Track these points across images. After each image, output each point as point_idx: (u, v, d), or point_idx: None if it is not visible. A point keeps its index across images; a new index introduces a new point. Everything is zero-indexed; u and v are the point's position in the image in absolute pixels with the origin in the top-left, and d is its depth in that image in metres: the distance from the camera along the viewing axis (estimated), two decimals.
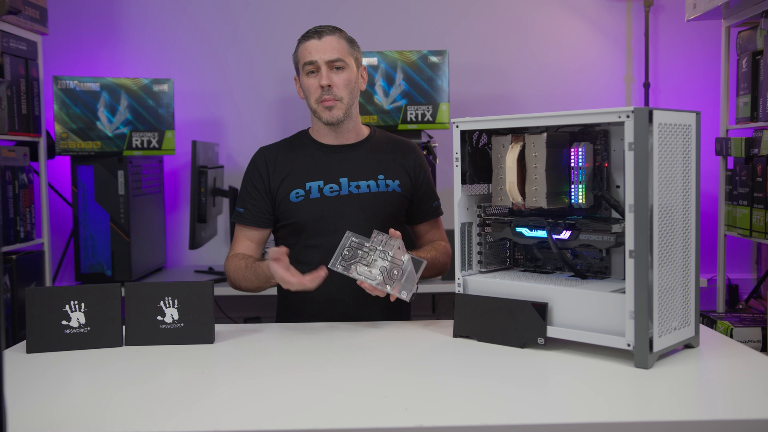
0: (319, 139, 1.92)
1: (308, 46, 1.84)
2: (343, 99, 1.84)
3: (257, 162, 1.92)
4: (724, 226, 2.90)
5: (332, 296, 1.84)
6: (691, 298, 1.45)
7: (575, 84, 3.40)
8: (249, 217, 1.89)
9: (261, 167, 1.90)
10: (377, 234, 1.64)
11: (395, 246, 1.62)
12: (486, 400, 1.21)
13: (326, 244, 1.83)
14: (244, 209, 1.90)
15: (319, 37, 1.83)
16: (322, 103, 1.84)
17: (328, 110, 1.84)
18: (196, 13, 3.39)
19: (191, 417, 1.15)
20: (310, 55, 1.83)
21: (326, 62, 1.82)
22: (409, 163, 1.94)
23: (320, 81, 1.82)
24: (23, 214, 2.70)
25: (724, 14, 2.85)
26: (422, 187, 1.95)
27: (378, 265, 1.62)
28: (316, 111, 1.86)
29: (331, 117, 1.85)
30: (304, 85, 1.87)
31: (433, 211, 1.98)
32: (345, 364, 1.44)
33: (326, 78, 1.82)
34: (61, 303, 1.55)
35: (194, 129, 3.37)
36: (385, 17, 3.41)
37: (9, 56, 2.60)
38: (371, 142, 1.94)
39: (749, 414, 1.13)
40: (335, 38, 1.85)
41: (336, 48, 1.84)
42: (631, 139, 1.32)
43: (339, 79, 1.83)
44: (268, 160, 1.90)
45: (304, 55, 1.85)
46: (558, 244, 1.57)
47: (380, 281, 1.61)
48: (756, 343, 2.53)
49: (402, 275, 1.62)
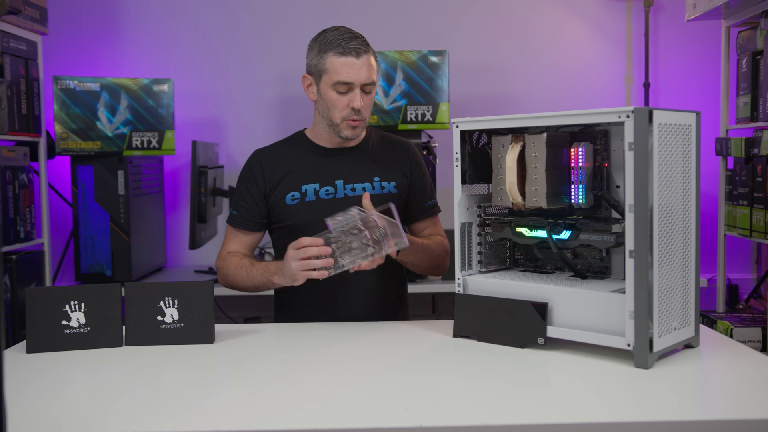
0: (317, 141, 1.91)
1: (346, 64, 1.76)
2: (366, 119, 1.84)
3: (252, 165, 1.90)
4: (724, 226, 2.90)
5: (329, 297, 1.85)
6: (691, 298, 1.45)
7: (575, 84, 3.40)
8: (241, 221, 1.89)
9: (256, 171, 1.88)
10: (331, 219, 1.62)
11: (355, 213, 1.61)
12: (486, 400, 1.21)
13: None
14: (237, 212, 1.90)
15: (357, 56, 1.76)
16: (348, 122, 1.81)
17: (352, 129, 1.82)
18: (196, 13, 3.39)
19: (191, 417, 1.15)
20: (348, 76, 1.76)
21: (361, 85, 1.79)
22: (405, 162, 1.94)
23: (352, 104, 1.78)
24: (23, 214, 2.70)
25: (724, 14, 2.85)
26: (416, 185, 1.94)
27: (359, 241, 1.61)
28: (338, 126, 1.82)
29: (354, 135, 1.84)
30: (329, 98, 1.80)
31: (426, 210, 1.96)
32: (345, 363, 1.44)
33: (360, 102, 1.78)
34: (61, 303, 1.55)
35: (194, 129, 3.37)
36: (385, 17, 3.41)
37: (9, 56, 2.60)
38: (367, 144, 1.93)
39: (749, 414, 1.13)
40: (370, 58, 1.79)
41: (372, 70, 1.80)
42: (631, 139, 1.32)
43: (367, 100, 1.81)
44: (263, 163, 1.89)
45: (340, 73, 1.76)
46: (558, 244, 1.57)
47: (372, 251, 1.61)
48: (756, 343, 2.53)
49: (384, 232, 1.60)
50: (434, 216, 1.99)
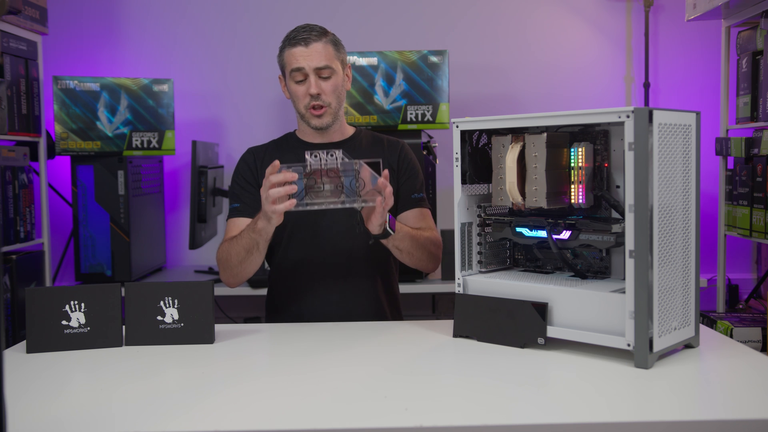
0: (305, 138, 1.97)
1: (295, 53, 1.85)
2: (332, 104, 1.88)
3: (247, 159, 1.96)
4: (724, 226, 2.90)
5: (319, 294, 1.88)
6: (691, 298, 1.45)
7: (575, 84, 3.40)
8: (245, 210, 1.90)
9: (251, 164, 1.94)
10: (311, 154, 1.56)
11: (338, 157, 1.56)
12: (486, 400, 1.21)
13: (309, 240, 1.88)
14: (241, 203, 1.91)
15: (306, 44, 1.85)
16: (311, 110, 1.87)
17: (317, 117, 1.88)
18: (196, 13, 3.39)
19: (191, 417, 1.15)
20: (297, 62, 1.85)
21: (314, 69, 1.84)
22: (393, 157, 1.95)
23: (309, 90, 1.85)
24: (23, 214, 2.70)
25: (724, 14, 2.85)
26: (404, 178, 1.94)
27: (333, 185, 1.56)
28: (304, 116, 1.90)
29: (320, 123, 1.88)
30: (291, 90, 1.89)
31: (412, 202, 1.94)
32: (345, 364, 1.44)
33: (315, 87, 1.84)
34: (61, 303, 1.55)
35: (194, 129, 3.37)
36: (385, 17, 3.40)
37: (9, 56, 2.60)
38: (355, 140, 1.97)
39: (749, 414, 1.13)
40: (321, 44, 1.85)
41: (323, 55, 1.85)
42: (631, 139, 1.32)
43: (327, 85, 1.86)
44: (257, 158, 1.95)
45: (291, 61, 1.86)
46: (558, 244, 1.56)
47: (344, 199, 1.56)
48: (756, 343, 2.53)
49: (363, 185, 1.56)
50: (421, 208, 1.96)
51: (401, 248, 1.78)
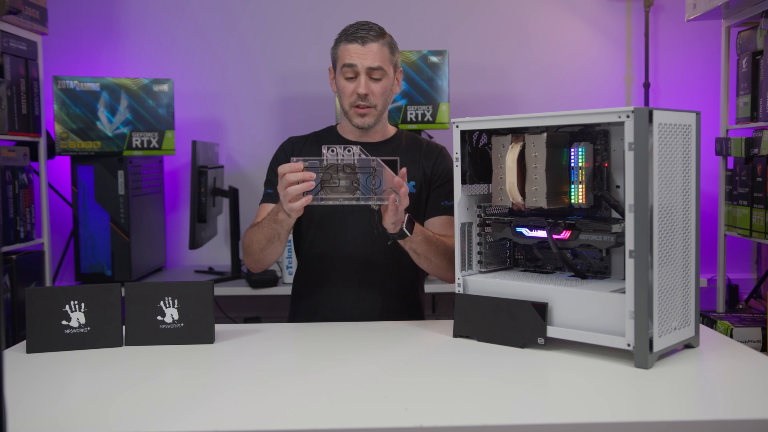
0: (345, 135, 1.95)
1: (350, 49, 1.82)
2: (378, 106, 1.85)
3: (285, 148, 1.97)
4: (724, 226, 2.90)
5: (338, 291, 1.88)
6: (691, 298, 1.45)
7: (575, 84, 3.40)
8: (277, 197, 1.86)
9: (288, 152, 1.94)
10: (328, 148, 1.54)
11: (355, 153, 1.54)
12: (486, 400, 1.21)
13: (332, 237, 1.88)
14: (274, 190, 1.87)
15: (362, 43, 1.82)
16: (355, 108, 1.85)
17: (360, 117, 1.85)
18: (196, 13, 3.39)
19: (191, 417, 1.15)
20: (350, 58, 1.81)
21: (366, 69, 1.82)
22: (429, 162, 1.93)
23: (357, 89, 1.82)
24: (23, 214, 2.70)
25: (724, 14, 2.85)
26: (436, 183, 1.92)
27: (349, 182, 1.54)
28: (347, 113, 1.87)
29: (363, 123, 1.86)
30: (340, 85, 1.86)
31: (440, 209, 1.92)
32: (345, 363, 1.44)
33: (364, 87, 1.82)
34: (61, 303, 1.55)
35: (194, 129, 3.37)
36: (385, 17, 3.38)
37: (9, 56, 2.60)
38: (395, 142, 1.95)
39: (749, 414, 1.13)
40: (378, 45, 1.83)
41: (378, 56, 1.82)
42: (631, 139, 1.32)
43: (377, 87, 1.83)
44: (295, 148, 1.95)
45: (344, 56, 1.83)
46: (558, 244, 1.56)
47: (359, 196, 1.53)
48: (756, 343, 2.53)
49: (380, 183, 1.54)
50: (450, 216, 1.92)
51: (419, 252, 1.74)
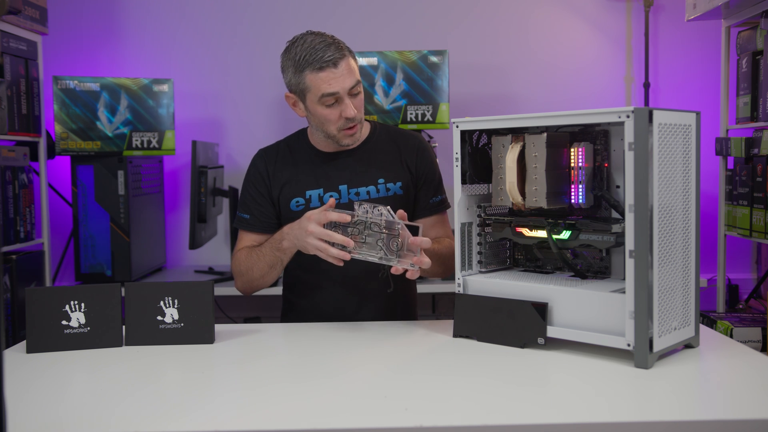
0: (317, 146, 1.87)
1: (324, 78, 1.70)
2: (362, 119, 1.81)
3: (258, 165, 1.88)
4: (724, 226, 2.91)
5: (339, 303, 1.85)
6: (691, 298, 1.45)
7: (575, 84, 3.40)
8: (256, 224, 1.85)
9: (262, 170, 1.86)
10: (359, 205, 1.58)
11: (383, 214, 1.56)
12: (486, 400, 1.21)
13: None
14: (250, 215, 1.85)
15: (335, 66, 1.69)
16: (344, 131, 1.77)
17: (350, 137, 1.79)
18: (196, 13, 3.39)
19: (191, 417, 1.15)
20: (329, 87, 1.70)
21: (348, 91, 1.73)
22: (410, 156, 1.87)
23: (345, 113, 1.73)
24: (23, 214, 2.70)
25: (724, 14, 2.85)
26: (422, 179, 1.88)
27: (374, 240, 1.57)
28: (335, 137, 1.78)
29: (354, 140, 1.81)
30: (320, 114, 1.75)
31: (430, 207, 1.88)
32: (345, 363, 1.44)
33: (351, 110, 1.73)
34: (61, 303, 1.55)
35: (194, 129, 3.37)
36: (385, 17, 3.40)
37: (9, 56, 2.60)
38: (370, 143, 1.89)
39: (749, 414, 1.13)
40: (347, 60, 1.72)
41: (353, 71, 1.73)
42: (631, 139, 1.32)
43: (358, 101, 1.76)
44: (268, 164, 1.87)
45: (321, 87, 1.70)
46: (558, 244, 1.56)
47: (382, 256, 1.56)
48: (756, 343, 2.53)
49: (401, 245, 1.56)
50: (440, 213, 1.91)
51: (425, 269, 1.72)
